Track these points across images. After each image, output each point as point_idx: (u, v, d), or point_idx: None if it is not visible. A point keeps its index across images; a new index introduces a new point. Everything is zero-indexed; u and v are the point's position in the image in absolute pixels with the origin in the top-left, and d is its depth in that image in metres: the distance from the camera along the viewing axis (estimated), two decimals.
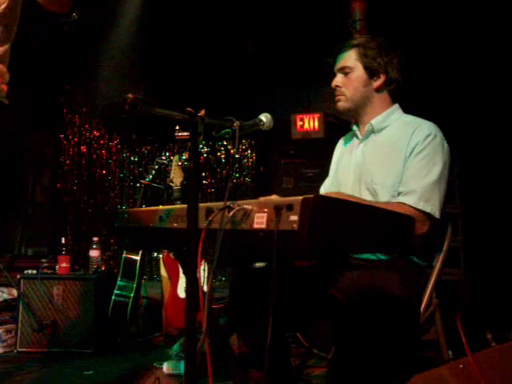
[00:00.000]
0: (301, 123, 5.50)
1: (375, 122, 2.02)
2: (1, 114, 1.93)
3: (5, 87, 1.90)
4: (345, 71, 2.03)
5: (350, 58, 2.02)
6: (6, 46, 1.91)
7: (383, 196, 1.88)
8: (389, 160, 1.92)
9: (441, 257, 1.97)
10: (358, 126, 2.11)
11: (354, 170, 2.04)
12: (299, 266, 1.97)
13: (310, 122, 5.49)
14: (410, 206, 1.79)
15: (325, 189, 2.27)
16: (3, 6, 1.84)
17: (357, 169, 2.02)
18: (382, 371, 1.55)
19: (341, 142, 2.29)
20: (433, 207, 1.80)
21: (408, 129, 1.93)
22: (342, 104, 2.05)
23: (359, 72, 2.00)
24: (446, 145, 1.90)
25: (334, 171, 2.25)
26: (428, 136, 1.86)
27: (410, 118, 2.02)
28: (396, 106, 2.06)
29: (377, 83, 2.01)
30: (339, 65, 2.05)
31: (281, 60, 5.25)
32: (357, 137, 2.12)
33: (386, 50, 2.01)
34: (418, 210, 1.79)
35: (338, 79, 2.05)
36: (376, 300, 1.63)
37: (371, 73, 2.00)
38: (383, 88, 2.02)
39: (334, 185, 2.19)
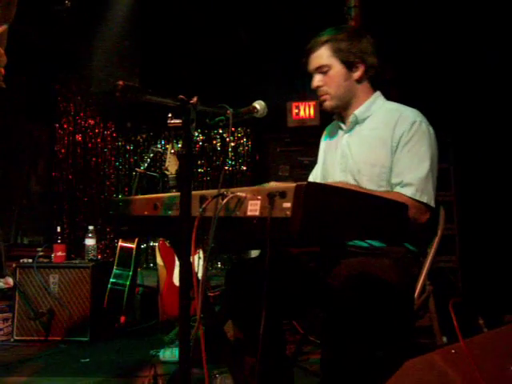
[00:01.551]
0: (296, 111, 5.50)
1: (359, 112, 2.01)
2: None
3: (2, 70, 1.86)
4: (322, 70, 1.99)
5: (324, 56, 1.97)
6: (4, 27, 1.85)
7: (370, 186, 1.88)
8: (374, 150, 1.92)
9: (434, 244, 1.97)
10: (341, 117, 2.10)
11: (341, 162, 2.03)
12: (295, 253, 1.98)
13: (305, 110, 5.49)
14: (408, 196, 1.80)
15: (313, 178, 2.26)
16: None
17: (343, 160, 2.02)
18: (375, 357, 1.56)
19: (326, 132, 2.27)
20: (428, 197, 1.83)
21: (391, 117, 1.92)
22: (329, 103, 2.02)
23: (337, 68, 1.97)
24: (431, 130, 1.90)
25: (321, 162, 2.24)
26: (413, 124, 1.86)
27: (392, 105, 2.02)
28: (377, 93, 2.05)
29: (357, 74, 1.98)
30: (314, 65, 2.00)
31: (275, 47, 5.23)
32: (341, 128, 2.10)
33: (356, 38, 1.98)
34: (416, 200, 1.81)
35: (318, 79, 2.01)
36: (370, 286, 1.64)
37: (349, 65, 1.97)
38: (364, 77, 2.00)
39: (322, 177, 2.18)
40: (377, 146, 1.92)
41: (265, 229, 1.20)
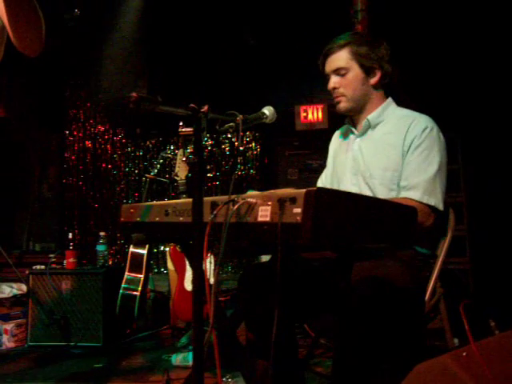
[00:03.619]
0: (304, 114, 5.52)
1: (372, 117, 2.02)
2: None
3: None
4: (340, 73, 2.00)
5: (343, 58, 1.99)
6: None
7: (381, 190, 1.90)
8: (386, 154, 1.94)
9: (445, 246, 1.98)
10: (352, 121, 2.11)
11: (352, 166, 2.05)
12: (306, 258, 1.99)
13: (313, 113, 5.50)
14: (415, 200, 1.82)
15: (322, 182, 2.28)
16: None
17: (355, 164, 2.04)
18: (387, 360, 1.57)
19: (336, 135, 2.28)
20: (436, 200, 1.84)
21: (404, 123, 1.94)
22: (344, 105, 2.04)
23: (356, 71, 1.99)
24: (441, 136, 1.92)
25: (331, 166, 2.26)
26: (425, 129, 1.89)
27: (404, 111, 2.04)
28: (390, 99, 2.07)
29: (374, 80, 2.01)
30: (332, 66, 2.02)
31: (283, 51, 5.25)
32: (352, 132, 2.11)
33: (376, 44, 2.00)
34: (423, 203, 1.82)
35: (335, 80, 2.02)
36: (381, 290, 1.64)
37: (367, 70, 1.99)
38: (379, 83, 2.02)
39: (332, 181, 2.19)
40: (389, 151, 1.94)
41: (276, 234, 1.21)
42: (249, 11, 5.24)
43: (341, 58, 2.00)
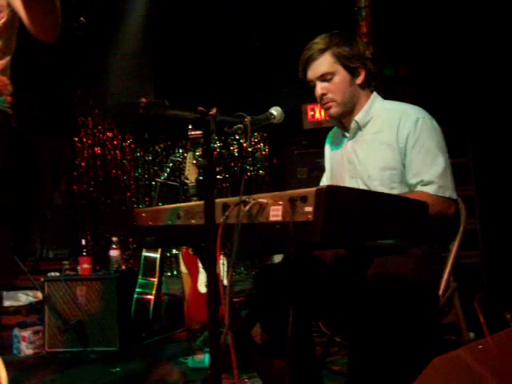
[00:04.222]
0: (312, 113, 5.51)
1: (359, 118, 1.99)
2: (7, 123, 1.97)
3: (9, 98, 1.96)
4: (326, 78, 1.96)
5: (327, 63, 1.94)
6: (7, 59, 1.95)
7: (382, 190, 1.87)
8: (382, 154, 1.91)
9: (457, 240, 1.98)
10: (341, 123, 2.08)
11: (349, 169, 2.02)
12: (319, 256, 2.00)
13: (321, 112, 5.50)
14: (431, 194, 1.81)
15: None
16: (2, 21, 1.87)
17: (352, 168, 2.01)
18: (402, 356, 1.57)
19: (329, 138, 2.26)
20: (450, 191, 1.84)
21: (393, 118, 1.91)
22: (335, 110, 1.99)
23: (342, 74, 1.95)
24: (434, 123, 1.90)
25: (329, 170, 2.24)
26: (417, 121, 1.86)
27: (391, 104, 2.01)
28: (374, 94, 2.03)
29: (359, 80, 1.97)
30: (316, 73, 1.97)
31: (288, 51, 5.25)
32: (344, 135, 2.09)
33: (354, 43, 1.97)
34: (439, 196, 1.81)
35: (322, 86, 1.97)
36: (394, 285, 1.65)
37: (352, 72, 1.95)
38: (365, 82, 1.99)
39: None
40: (383, 150, 1.91)
41: (288, 233, 1.22)
42: (253, 11, 5.25)
43: (324, 62, 1.95)
